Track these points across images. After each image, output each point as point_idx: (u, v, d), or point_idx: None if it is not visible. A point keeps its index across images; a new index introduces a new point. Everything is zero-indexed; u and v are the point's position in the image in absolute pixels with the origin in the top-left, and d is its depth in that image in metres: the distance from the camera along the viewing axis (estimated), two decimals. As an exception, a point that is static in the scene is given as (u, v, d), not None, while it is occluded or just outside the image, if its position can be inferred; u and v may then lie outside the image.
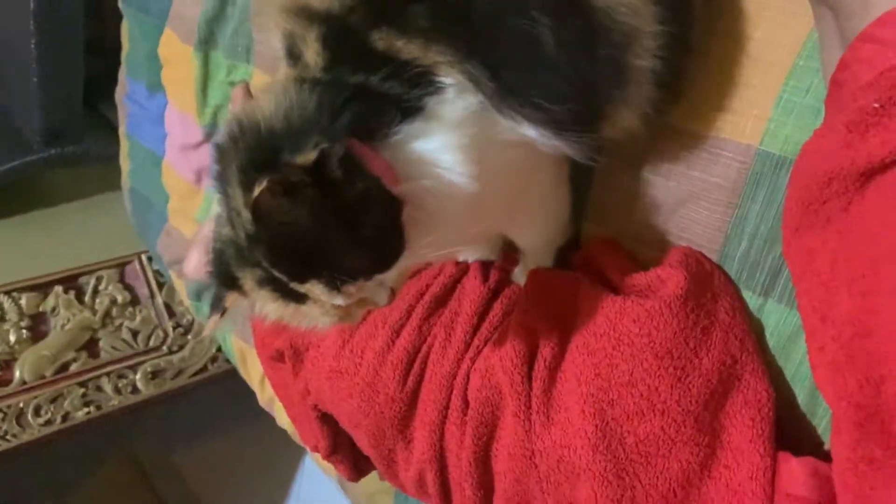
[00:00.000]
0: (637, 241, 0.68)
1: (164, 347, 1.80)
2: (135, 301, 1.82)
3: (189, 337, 1.85)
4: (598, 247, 0.70)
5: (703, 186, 0.62)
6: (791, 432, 0.60)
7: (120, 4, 1.22)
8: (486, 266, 0.75)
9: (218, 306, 0.56)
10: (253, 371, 1.12)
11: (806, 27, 0.55)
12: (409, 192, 0.49)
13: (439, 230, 0.52)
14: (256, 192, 0.44)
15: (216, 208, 0.96)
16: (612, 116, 0.56)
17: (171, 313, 1.84)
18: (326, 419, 0.83)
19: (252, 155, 0.49)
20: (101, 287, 1.79)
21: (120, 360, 1.73)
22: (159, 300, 1.84)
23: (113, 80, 2.31)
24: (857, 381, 0.46)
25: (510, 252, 0.76)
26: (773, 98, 0.56)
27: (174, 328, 1.83)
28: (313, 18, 0.53)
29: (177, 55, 1.10)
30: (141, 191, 1.30)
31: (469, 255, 0.75)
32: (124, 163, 1.34)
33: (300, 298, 0.50)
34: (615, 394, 0.59)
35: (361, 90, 0.51)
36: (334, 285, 0.49)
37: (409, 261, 0.51)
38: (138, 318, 1.80)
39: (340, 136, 0.48)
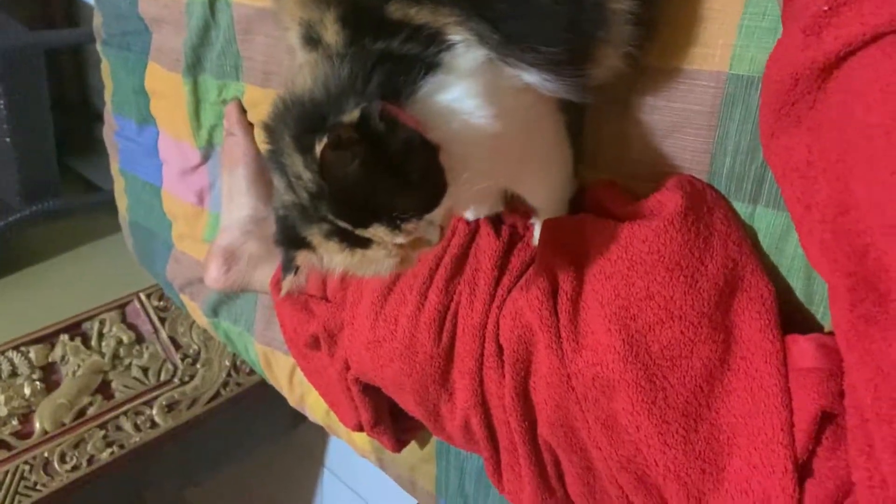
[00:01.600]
0: (632, 178, 0.74)
1: (175, 379, 1.84)
2: (140, 339, 1.86)
3: (198, 366, 1.89)
4: (599, 188, 0.75)
5: (686, 115, 0.68)
6: (794, 320, 0.66)
7: (99, 47, 1.27)
8: (496, 225, 0.81)
9: (290, 267, 0.62)
10: (280, 373, 1.17)
11: (754, -39, 0.62)
12: (440, 139, 0.55)
13: (472, 168, 0.58)
14: (318, 148, 0.50)
15: (227, 221, 1.02)
16: (599, 56, 0.62)
17: (178, 346, 1.88)
18: (367, 392, 0.89)
19: (302, 124, 0.55)
20: (106, 330, 1.83)
21: (134, 398, 1.77)
22: (164, 334, 1.88)
23: (77, 136, 2.35)
24: (845, 253, 0.52)
25: (517, 209, 0.82)
26: (734, 27, 0.63)
27: (182, 359, 1.87)
28: (329, 2, 0.59)
29: (164, 85, 1.15)
30: (142, 223, 1.34)
31: (478, 212, 0.82)
32: (121, 199, 1.38)
33: (365, 244, 0.56)
34: (636, 309, 0.65)
35: (385, 55, 0.57)
36: (394, 225, 0.55)
37: (452, 198, 0.57)
38: (146, 355, 1.84)
39: (374, 98, 0.54)
